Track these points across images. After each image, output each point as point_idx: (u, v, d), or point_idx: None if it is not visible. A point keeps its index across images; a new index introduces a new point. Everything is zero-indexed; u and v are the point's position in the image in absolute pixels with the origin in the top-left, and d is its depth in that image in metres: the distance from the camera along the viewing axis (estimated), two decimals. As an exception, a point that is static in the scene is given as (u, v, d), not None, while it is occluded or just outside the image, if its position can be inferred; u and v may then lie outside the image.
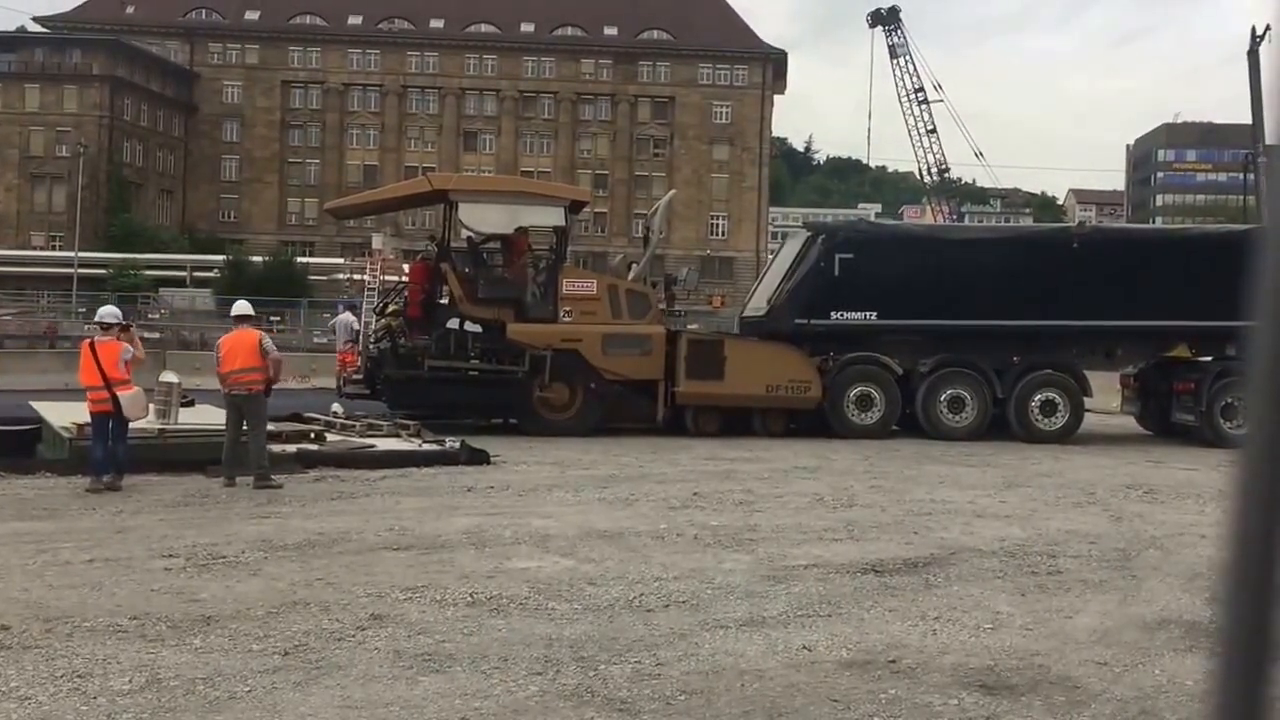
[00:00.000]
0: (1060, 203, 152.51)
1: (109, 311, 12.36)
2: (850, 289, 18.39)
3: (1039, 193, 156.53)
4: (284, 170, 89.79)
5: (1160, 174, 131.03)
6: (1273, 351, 1.01)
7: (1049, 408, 18.44)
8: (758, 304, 20.29)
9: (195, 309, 54.32)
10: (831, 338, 18.69)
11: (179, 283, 61.44)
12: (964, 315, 18.27)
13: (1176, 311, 17.82)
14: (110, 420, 11.37)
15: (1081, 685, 5.66)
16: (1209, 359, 18.56)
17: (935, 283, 18.37)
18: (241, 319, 12.48)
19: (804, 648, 6.19)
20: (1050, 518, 10.77)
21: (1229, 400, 17.72)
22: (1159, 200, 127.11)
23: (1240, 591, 1.02)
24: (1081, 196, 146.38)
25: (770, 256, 23.96)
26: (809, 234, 19.73)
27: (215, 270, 62.00)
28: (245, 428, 11.80)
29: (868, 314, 18.50)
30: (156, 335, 40.12)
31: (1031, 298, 18.23)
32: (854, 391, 18.36)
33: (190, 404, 14.00)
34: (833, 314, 18.48)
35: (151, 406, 12.27)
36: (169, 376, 13.38)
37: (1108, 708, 5.35)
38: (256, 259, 63.24)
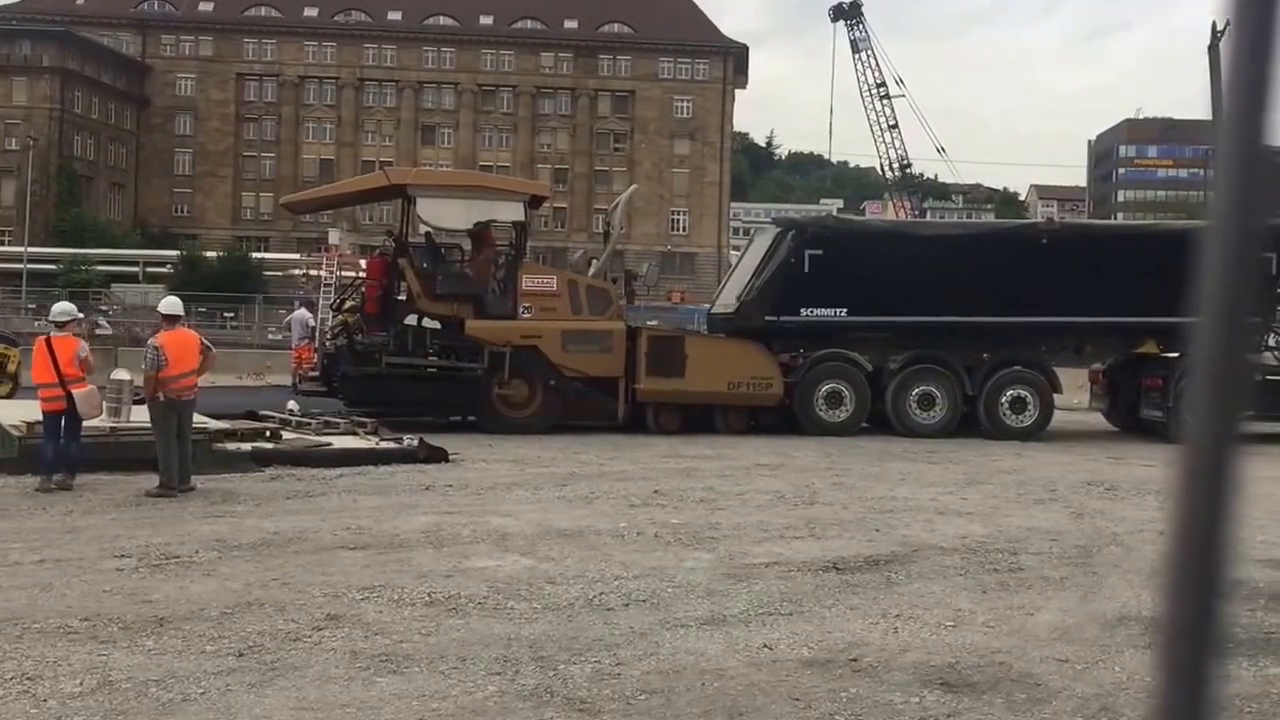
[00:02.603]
0: (1022, 199, 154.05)
1: (64, 309, 12.09)
2: (820, 285, 18.40)
3: (1001, 188, 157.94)
4: (238, 164, 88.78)
5: (1121, 170, 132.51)
6: (1215, 346, 1.01)
7: (1019, 405, 18.55)
8: (727, 300, 20.25)
9: (148, 305, 53.57)
10: (801, 334, 18.71)
11: (131, 278, 60.59)
12: (934, 312, 18.32)
13: (1144, 307, 17.85)
14: (63, 418, 11.14)
15: (1042, 682, 5.68)
16: (1177, 355, 18.65)
17: (905, 279, 18.35)
18: (175, 318, 11.75)
19: (765, 646, 6.18)
20: (1011, 515, 10.85)
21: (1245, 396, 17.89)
22: (1120, 196, 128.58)
23: (1184, 587, 1.02)
24: (1043, 192, 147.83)
25: (739, 253, 23.94)
26: (778, 230, 19.70)
27: (168, 266, 61.26)
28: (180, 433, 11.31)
29: (837, 310, 18.52)
30: (109, 332, 39.50)
31: (1001, 294, 18.27)
32: (824, 389, 18.39)
33: (142, 402, 13.74)
34: (803, 311, 18.49)
35: (103, 404, 12.03)
36: (121, 374, 13.12)
37: (1068, 705, 5.37)
38: (210, 254, 62.60)
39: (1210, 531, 1.02)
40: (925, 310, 18.32)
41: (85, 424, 11.44)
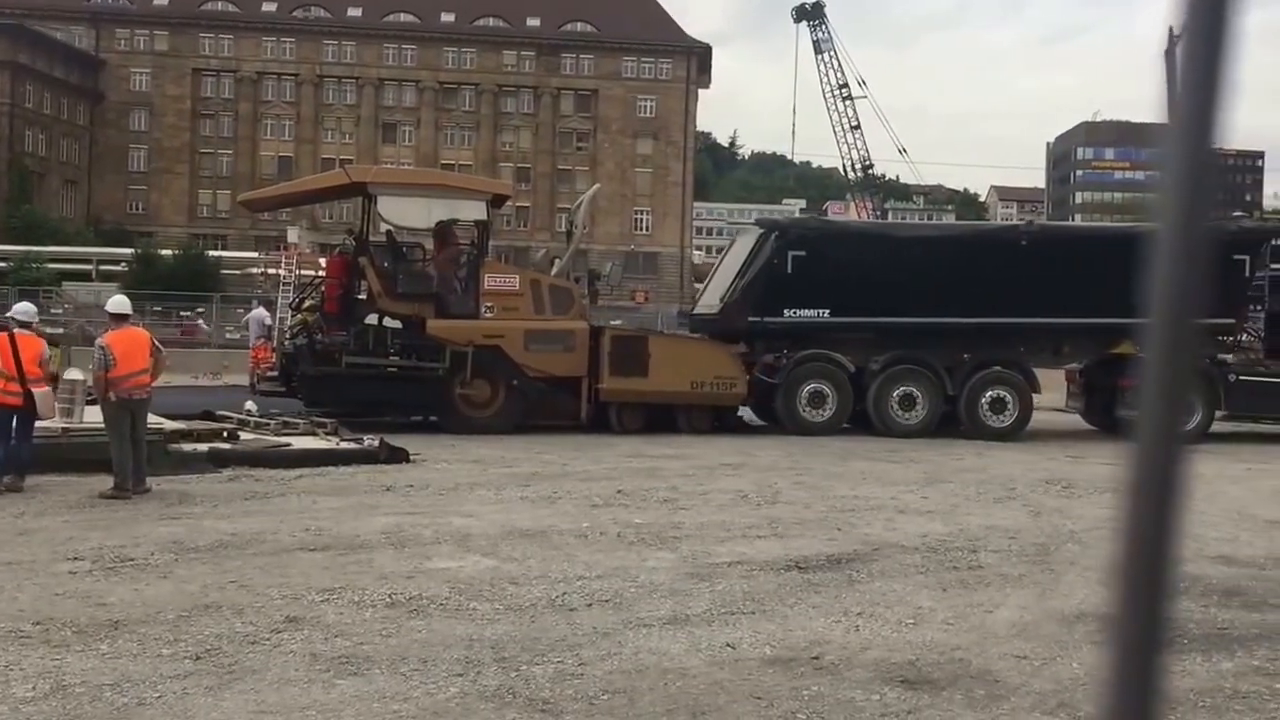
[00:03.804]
0: (982, 200, 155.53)
1: (26, 309, 11.92)
2: (803, 286, 18.47)
3: (962, 189, 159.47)
4: (195, 161, 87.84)
5: (1079, 172, 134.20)
6: (1163, 348, 1.03)
7: (999, 405, 18.67)
8: (709, 301, 20.25)
9: (101, 304, 52.76)
10: (784, 335, 18.76)
11: (84, 277, 59.66)
12: (915, 312, 18.43)
13: (1121, 308, 18.02)
14: (15, 417, 10.97)
15: (1001, 679, 5.73)
16: None
17: (887, 280, 18.45)
18: (123, 317, 11.56)
19: (727, 645, 6.19)
20: (971, 513, 10.93)
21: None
22: (1078, 198, 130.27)
23: (1132, 584, 1.04)
24: (1003, 194, 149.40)
25: (720, 254, 24.01)
26: (761, 231, 19.74)
27: (123, 264, 60.40)
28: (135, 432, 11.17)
29: (820, 311, 18.59)
30: (60, 331, 38.85)
31: (981, 295, 18.36)
32: (807, 389, 18.46)
33: (95, 402, 13.55)
34: (785, 311, 18.55)
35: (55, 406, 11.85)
36: (73, 374, 12.94)
37: (1027, 700, 5.42)
38: (166, 252, 61.79)
39: (1158, 529, 1.03)
40: (907, 311, 18.42)
41: (37, 424, 11.27)
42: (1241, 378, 18.92)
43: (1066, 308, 18.38)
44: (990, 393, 18.68)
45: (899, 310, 18.43)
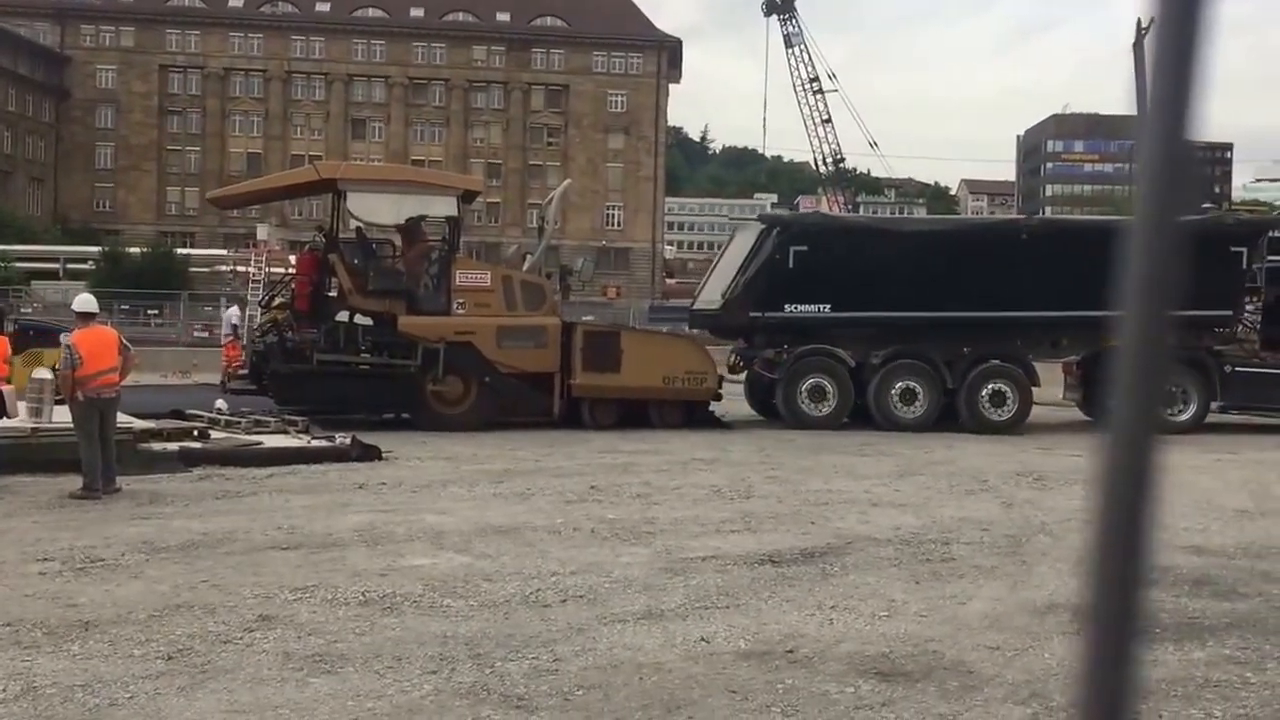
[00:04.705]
0: (953, 193, 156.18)
1: None
2: (804, 281, 18.53)
3: (933, 183, 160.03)
4: (162, 158, 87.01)
5: (1049, 164, 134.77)
6: (1136, 340, 1.04)
7: (998, 398, 18.75)
8: (710, 297, 20.23)
9: (69, 303, 52.20)
10: (785, 330, 18.80)
11: (52, 275, 59.02)
12: (915, 307, 18.50)
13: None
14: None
15: (974, 670, 5.77)
16: None
17: (887, 275, 18.50)
18: (89, 315, 11.43)
19: (702, 639, 6.20)
20: (943, 505, 10.99)
21: (1168, 388, 18.34)
22: (1048, 190, 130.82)
23: (1107, 575, 1.05)
24: (973, 187, 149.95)
25: (719, 249, 24.05)
26: (763, 226, 19.77)
27: (90, 262, 59.75)
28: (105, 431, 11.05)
29: (821, 306, 18.65)
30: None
31: (981, 289, 18.42)
32: (807, 383, 18.53)
33: (64, 401, 13.42)
34: (787, 307, 18.61)
35: (22, 405, 11.73)
36: (42, 373, 12.80)
37: (1000, 691, 5.46)
38: (134, 250, 61.16)
39: (1131, 520, 1.04)
40: (907, 306, 18.50)
41: (3, 424, 11.15)
42: (1238, 369, 19.09)
43: (1066, 301, 18.50)
44: (990, 386, 18.76)
45: (899, 305, 18.51)
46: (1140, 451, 1.04)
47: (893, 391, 18.61)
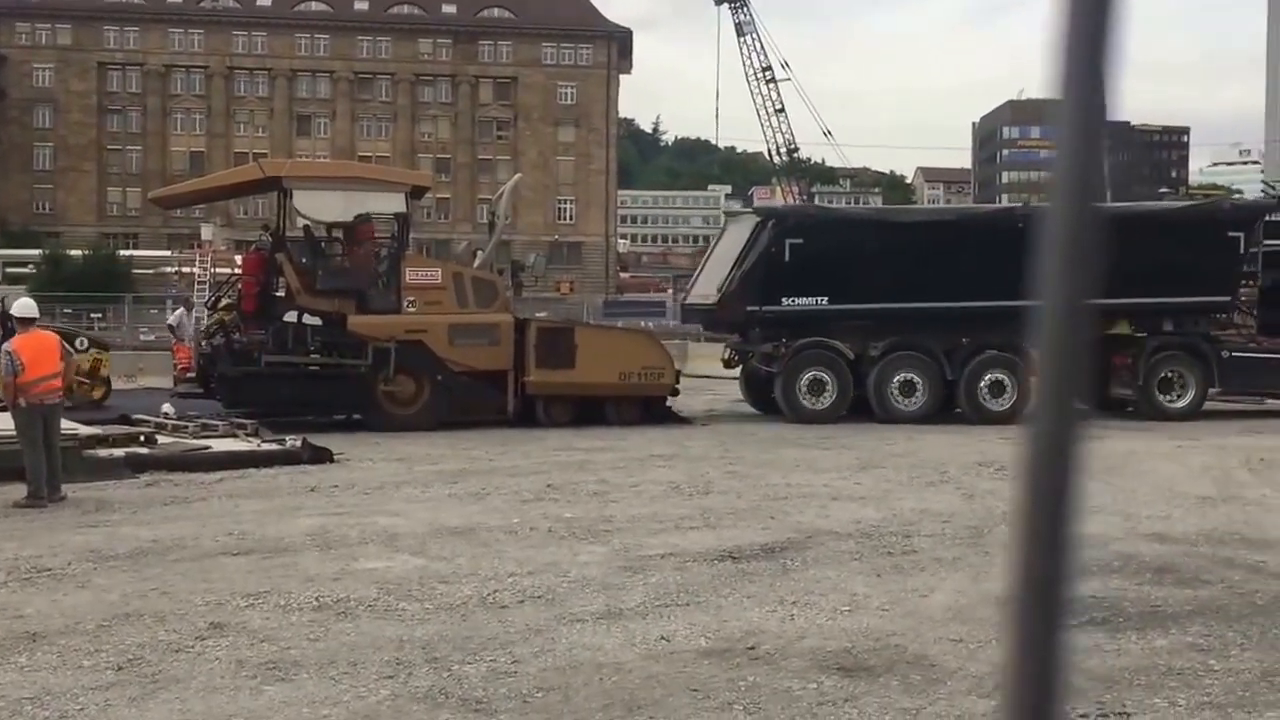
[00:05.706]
0: (909, 181, 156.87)
1: None
2: (801, 274, 18.42)
3: (888, 172, 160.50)
4: (102, 158, 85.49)
5: (1005, 151, 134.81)
6: (1056, 327, 1.04)
7: (997, 388, 18.71)
8: (704, 292, 20.07)
9: (6, 308, 51.19)
10: (782, 324, 18.73)
11: (-10, 278, 57.95)
12: (913, 298, 18.42)
13: (1118, 289, 17.38)
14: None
15: (937, 663, 5.78)
16: (1146, 335, 18.91)
17: (884, 266, 18.42)
18: (29, 320, 11.17)
19: (662, 638, 6.17)
20: (904, 498, 11.01)
21: (1166, 374, 18.57)
22: (1005, 177, 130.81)
23: (1032, 560, 1.06)
24: (929, 175, 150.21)
25: (711, 243, 23.94)
26: (758, 219, 19.66)
27: (30, 266, 58.69)
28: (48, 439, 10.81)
29: (818, 299, 18.58)
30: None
31: (978, 278, 18.17)
32: (806, 376, 18.45)
33: (4, 409, 13.12)
34: (784, 300, 18.50)
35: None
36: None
37: (963, 684, 5.46)
38: (75, 253, 60.27)
39: (1056, 507, 1.04)
40: (905, 297, 18.44)
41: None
42: (1235, 355, 19.28)
43: None
44: (989, 376, 18.72)
45: (897, 296, 18.46)
46: (1063, 441, 1.05)
47: (892, 383, 18.56)
